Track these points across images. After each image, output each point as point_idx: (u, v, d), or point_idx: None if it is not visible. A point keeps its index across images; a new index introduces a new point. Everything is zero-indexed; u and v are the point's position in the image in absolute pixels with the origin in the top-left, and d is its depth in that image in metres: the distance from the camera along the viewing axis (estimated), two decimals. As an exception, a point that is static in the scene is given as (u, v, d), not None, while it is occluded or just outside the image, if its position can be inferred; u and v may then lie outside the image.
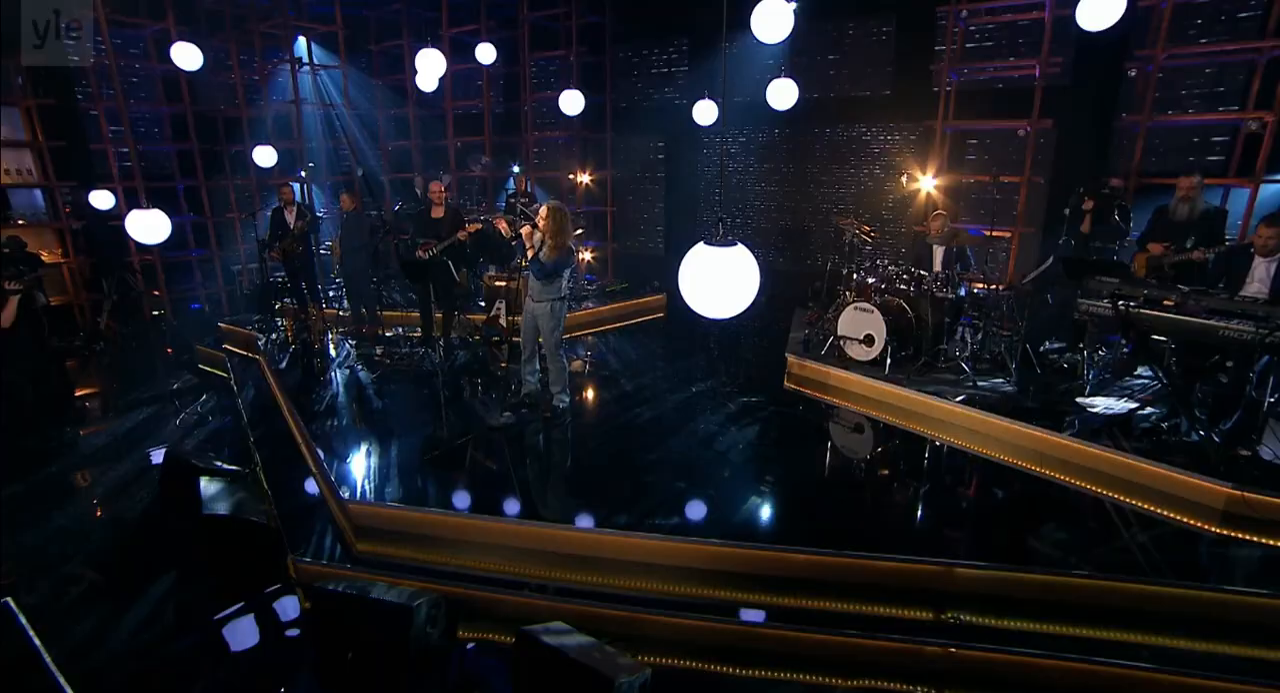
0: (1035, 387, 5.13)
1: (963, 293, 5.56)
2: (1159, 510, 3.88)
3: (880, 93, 8.61)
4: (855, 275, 6.18)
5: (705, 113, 7.46)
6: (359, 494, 4.10)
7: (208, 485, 4.11)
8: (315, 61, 9.73)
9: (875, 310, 5.53)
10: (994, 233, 5.69)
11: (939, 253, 5.76)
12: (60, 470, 5.09)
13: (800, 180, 9.45)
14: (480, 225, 6.51)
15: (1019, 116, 6.56)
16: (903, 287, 5.70)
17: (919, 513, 4.06)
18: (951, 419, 4.89)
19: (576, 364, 6.66)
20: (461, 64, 9.35)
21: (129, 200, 8.68)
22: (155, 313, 9.17)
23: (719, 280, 2.31)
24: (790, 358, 6.08)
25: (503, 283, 6.68)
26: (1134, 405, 4.71)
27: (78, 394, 6.71)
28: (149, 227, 4.76)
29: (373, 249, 6.90)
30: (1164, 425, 4.45)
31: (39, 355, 5.47)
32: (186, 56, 6.42)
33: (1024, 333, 5.36)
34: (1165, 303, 4.23)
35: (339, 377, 6.27)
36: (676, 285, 2.35)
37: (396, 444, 4.79)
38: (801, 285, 8.18)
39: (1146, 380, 5.06)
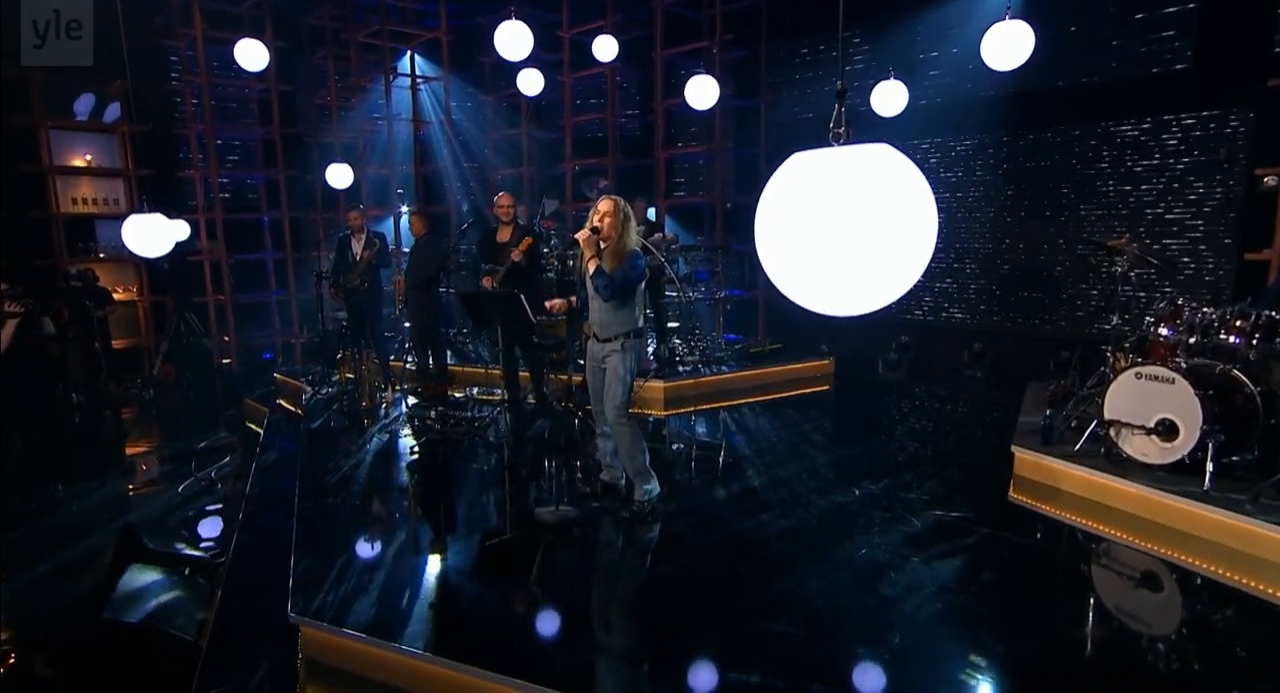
0: None
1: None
2: None
3: (1170, 67, 6.93)
4: (1137, 327, 4.81)
5: (888, 99, 6.44)
6: (319, 611, 3.34)
7: (134, 577, 3.57)
8: (417, 74, 10.09)
9: (1179, 378, 4.10)
10: None
11: None
12: (20, 539, 4.92)
13: (1032, 206, 7.87)
14: (532, 240, 5.86)
15: None
16: (1233, 340, 4.15)
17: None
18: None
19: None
20: (585, 70, 9.21)
21: (209, 232, 9.30)
22: (225, 361, 9.60)
23: (837, 227, 1.24)
24: (1019, 453, 4.99)
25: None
26: None
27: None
28: (149, 235, 4.61)
29: (438, 285, 6.55)
30: None
31: (38, 398, 5.50)
32: (251, 55, 6.68)
33: None
34: None
35: (374, 443, 5.83)
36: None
37: (404, 543, 4.17)
38: (1035, 355, 7.42)
39: None
